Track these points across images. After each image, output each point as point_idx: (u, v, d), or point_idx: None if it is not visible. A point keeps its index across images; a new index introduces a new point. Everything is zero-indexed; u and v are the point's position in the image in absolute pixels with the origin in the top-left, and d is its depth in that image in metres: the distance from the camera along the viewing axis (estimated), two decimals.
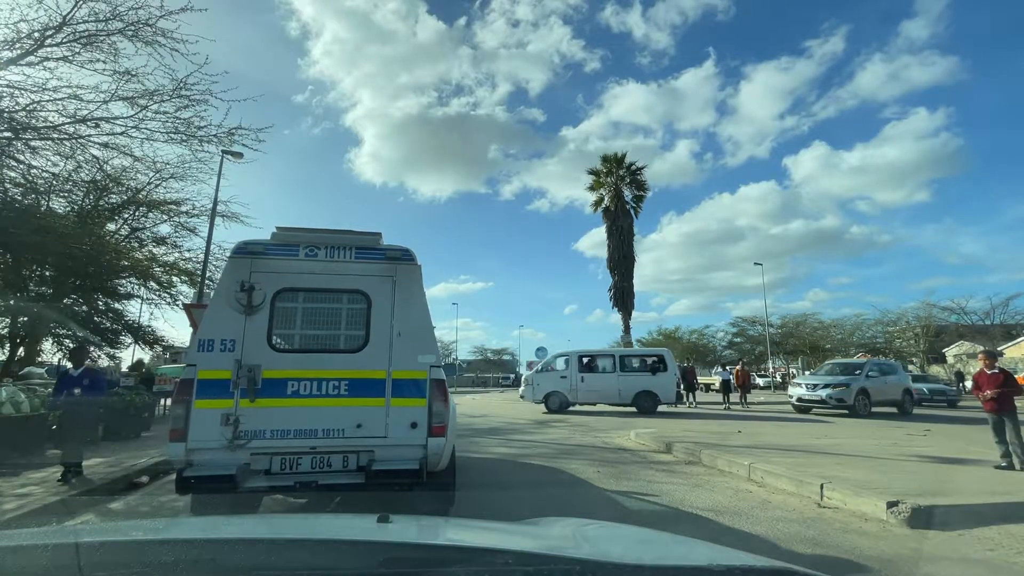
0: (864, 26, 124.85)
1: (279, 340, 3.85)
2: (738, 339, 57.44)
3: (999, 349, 38.82)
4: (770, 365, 42.51)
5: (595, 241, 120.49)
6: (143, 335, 19.80)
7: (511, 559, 1.00)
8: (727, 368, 19.04)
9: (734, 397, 18.56)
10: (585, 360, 16.55)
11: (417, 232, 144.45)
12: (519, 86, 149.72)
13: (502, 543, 1.20)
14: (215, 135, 10.56)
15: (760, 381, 47.17)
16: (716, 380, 28.65)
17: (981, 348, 39.92)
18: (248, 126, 10.73)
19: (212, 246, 18.19)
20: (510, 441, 9.40)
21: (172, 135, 10.40)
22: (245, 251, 3.85)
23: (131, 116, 9.88)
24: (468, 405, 20.85)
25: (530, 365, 23.61)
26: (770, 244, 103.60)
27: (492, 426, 12.08)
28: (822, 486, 4.85)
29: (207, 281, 18.78)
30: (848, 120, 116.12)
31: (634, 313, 29.25)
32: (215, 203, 17.42)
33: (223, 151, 18.16)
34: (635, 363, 16.73)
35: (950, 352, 47.69)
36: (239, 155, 18.52)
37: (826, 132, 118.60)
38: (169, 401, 13.79)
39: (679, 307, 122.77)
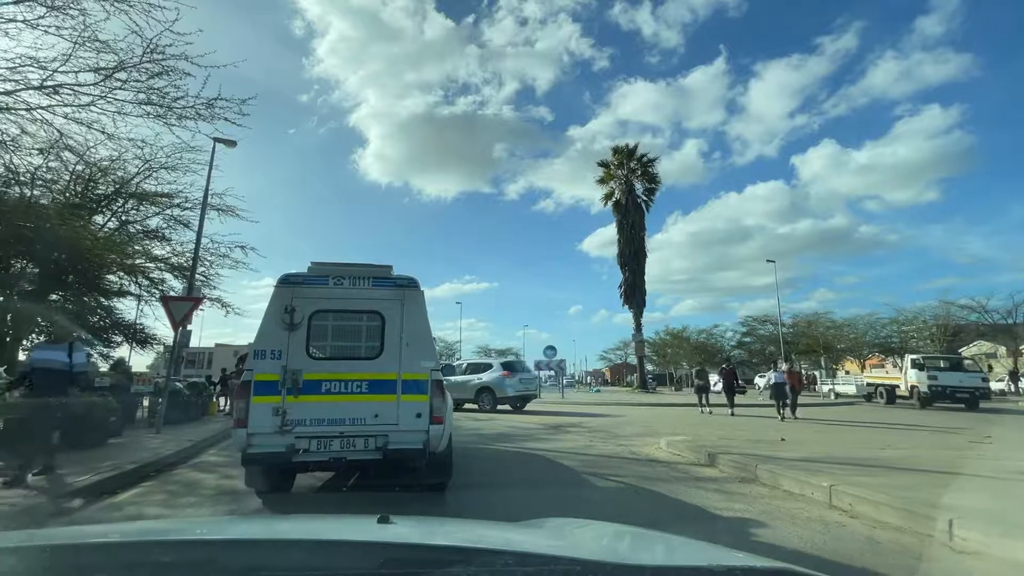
0: (877, 22, 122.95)
1: (315, 350, 4.70)
2: (747, 339, 56.03)
3: (1021, 348, 37.33)
4: (783, 366, 41.06)
5: (600, 241, 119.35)
6: (135, 333, 18.83)
7: (511, 560, 1.00)
8: (779, 369, 14.68)
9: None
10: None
11: (422, 232, 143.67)
12: (526, 84, 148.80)
13: (502, 544, 1.19)
14: (192, 107, 9.42)
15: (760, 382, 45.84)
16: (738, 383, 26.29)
17: (1002, 348, 38.36)
18: (230, 97, 9.55)
19: (208, 241, 17.16)
20: (523, 450, 8.22)
21: (145, 106, 9.27)
22: (288, 282, 4.74)
23: (96, 84, 8.77)
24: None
25: (538, 366, 22.47)
26: (777, 244, 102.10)
27: (500, 431, 10.88)
28: (951, 522, 3.64)
29: (199, 276, 17.81)
30: (859, 118, 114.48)
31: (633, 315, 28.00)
32: (206, 194, 16.34)
33: (215, 138, 17.14)
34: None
35: (967, 352, 46.07)
36: (232, 143, 17.48)
37: (836, 130, 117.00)
38: (146, 402, 12.83)
39: (684, 307, 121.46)
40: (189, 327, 16.07)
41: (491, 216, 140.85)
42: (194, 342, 55.29)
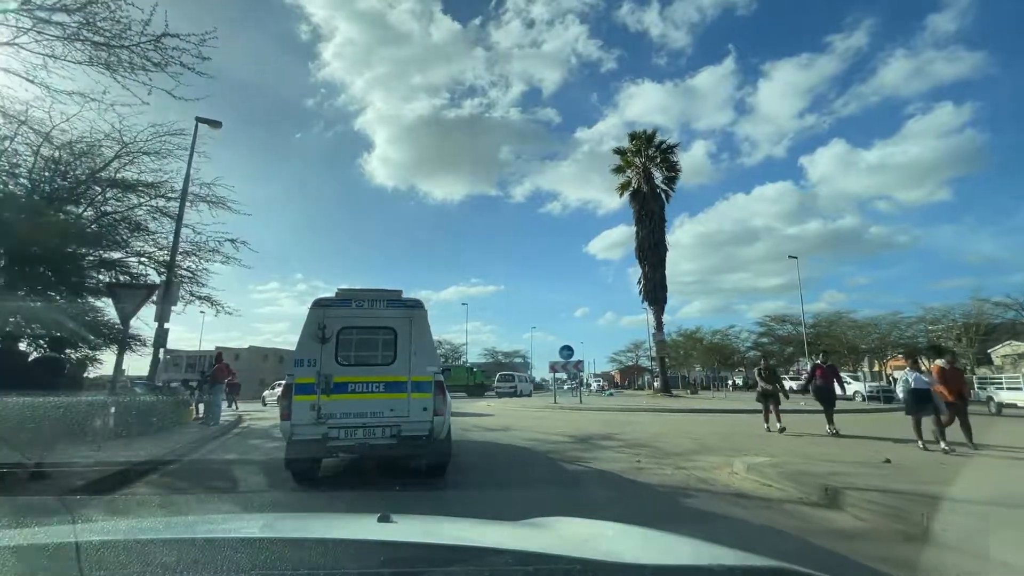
0: (888, 20, 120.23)
1: (342, 358, 5.63)
2: (764, 339, 53.65)
3: None
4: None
5: (607, 243, 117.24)
6: (117, 334, 17.23)
7: (511, 559, 0.99)
8: (921, 367, 8.65)
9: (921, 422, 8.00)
10: None
11: (428, 236, 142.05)
12: (533, 86, 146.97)
13: (503, 543, 1.17)
14: (138, 45, 7.55)
15: (794, 384, 43.19)
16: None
17: None
18: (185, 34, 7.67)
19: (195, 233, 15.83)
20: (552, 476, 6.23)
21: (77, 44, 7.41)
22: (320, 304, 5.74)
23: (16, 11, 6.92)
24: (483, 412, 17.67)
25: (553, 368, 20.42)
26: (786, 245, 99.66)
27: (521, 445, 8.89)
28: None
29: (185, 271, 16.45)
30: (869, 117, 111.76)
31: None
32: (187, 178, 14.74)
33: (197, 119, 15.71)
34: None
35: (997, 353, 43.39)
36: (216, 124, 15.98)
37: (846, 130, 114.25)
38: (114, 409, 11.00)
39: (692, 309, 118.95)
40: (167, 325, 14.36)
41: (497, 219, 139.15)
42: (194, 345, 53.73)
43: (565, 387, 40.10)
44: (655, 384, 49.85)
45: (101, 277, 15.44)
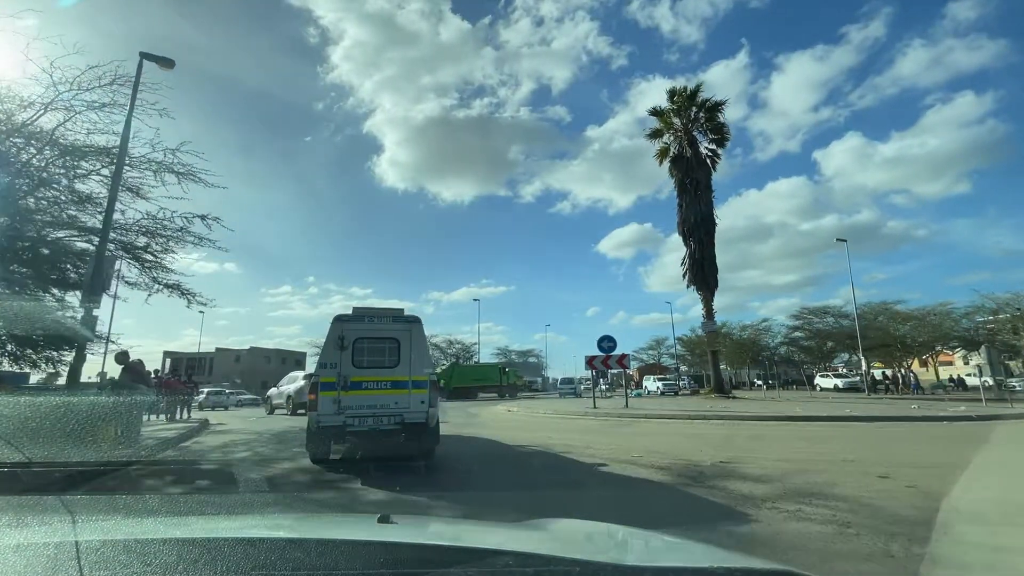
0: (906, 8, 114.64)
1: (357, 362, 6.86)
2: (798, 334, 49.12)
3: None
4: (862, 361, 33.94)
5: (617, 242, 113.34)
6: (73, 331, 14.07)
7: (511, 560, 0.98)
8: None
9: None
10: None
11: (439, 237, 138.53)
12: (542, 84, 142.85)
13: (503, 544, 1.14)
14: None
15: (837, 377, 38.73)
16: None
17: None
18: None
19: (138, 197, 12.51)
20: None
21: None
22: (340, 319, 6.99)
23: None
24: (500, 422, 13.86)
25: (591, 363, 16.52)
26: (800, 241, 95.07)
27: (583, 478, 5.13)
28: None
29: (149, 256, 13.54)
30: (886, 109, 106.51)
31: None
32: (127, 126, 11.43)
33: (142, 54, 12.33)
34: None
35: None
36: (168, 62, 12.59)
37: (862, 123, 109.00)
38: None
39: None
40: (96, 311, 10.91)
41: (507, 219, 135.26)
42: (192, 347, 51.03)
43: (603, 387, 36.00)
44: (682, 382, 45.59)
45: (24, 263, 12.48)
